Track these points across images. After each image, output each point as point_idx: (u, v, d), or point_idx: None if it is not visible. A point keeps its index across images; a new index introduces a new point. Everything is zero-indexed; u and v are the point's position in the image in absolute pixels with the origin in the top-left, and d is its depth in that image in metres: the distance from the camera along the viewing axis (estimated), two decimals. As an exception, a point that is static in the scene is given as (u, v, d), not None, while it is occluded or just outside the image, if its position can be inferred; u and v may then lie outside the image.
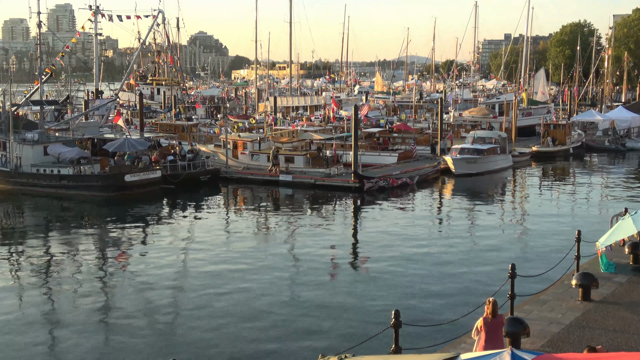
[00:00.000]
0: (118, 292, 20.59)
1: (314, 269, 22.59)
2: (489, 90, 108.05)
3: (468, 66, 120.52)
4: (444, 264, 23.05)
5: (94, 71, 61.74)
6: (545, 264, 20.04)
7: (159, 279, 21.47)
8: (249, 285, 20.71)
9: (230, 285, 20.80)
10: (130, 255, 25.31)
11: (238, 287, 20.54)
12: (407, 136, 50.10)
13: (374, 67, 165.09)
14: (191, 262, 23.97)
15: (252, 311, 18.37)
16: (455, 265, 22.82)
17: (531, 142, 55.59)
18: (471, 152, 43.10)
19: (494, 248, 25.30)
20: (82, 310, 18.78)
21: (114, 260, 24.52)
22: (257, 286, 20.60)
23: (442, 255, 24.16)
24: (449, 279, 21.29)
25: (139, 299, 19.54)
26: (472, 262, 23.26)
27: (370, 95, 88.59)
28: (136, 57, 70.91)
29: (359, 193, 37.01)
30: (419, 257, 23.92)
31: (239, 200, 38.17)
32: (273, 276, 21.68)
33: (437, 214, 33.33)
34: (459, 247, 25.49)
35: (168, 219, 32.64)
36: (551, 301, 15.05)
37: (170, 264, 23.35)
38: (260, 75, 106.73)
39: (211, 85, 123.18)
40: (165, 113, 65.23)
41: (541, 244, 26.00)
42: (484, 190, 40.43)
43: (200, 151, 43.35)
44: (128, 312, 18.47)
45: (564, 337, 12.85)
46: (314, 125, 52.60)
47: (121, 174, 36.41)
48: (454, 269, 22.37)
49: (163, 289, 20.50)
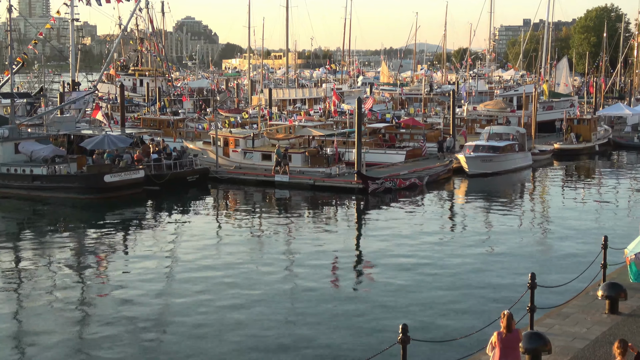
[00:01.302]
0: (97, 305, 20.56)
1: (313, 279, 22.57)
2: (506, 82, 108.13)
3: (483, 55, 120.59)
4: (457, 273, 23.05)
5: (70, 60, 61.75)
6: (568, 273, 20.03)
7: (142, 291, 21.44)
8: (241, 299, 20.68)
9: (220, 298, 20.78)
10: (110, 264, 25.29)
11: (229, 301, 20.52)
12: (416, 132, 50.13)
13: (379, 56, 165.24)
14: (177, 272, 23.96)
15: (245, 328, 18.35)
16: (469, 275, 22.82)
17: (552, 138, 55.62)
18: (486, 150, 43.11)
19: (511, 256, 25.30)
20: (57, 325, 18.77)
21: (92, 270, 24.50)
22: (251, 300, 20.58)
23: (455, 264, 24.15)
24: (462, 289, 21.29)
25: (120, 314, 19.51)
26: (488, 271, 23.26)
27: (375, 87, 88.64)
28: (117, 45, 70.94)
29: (362, 195, 37.01)
30: (429, 266, 23.92)
31: (230, 203, 38.15)
32: (268, 288, 21.67)
33: (448, 218, 33.32)
34: (473, 254, 25.49)
35: (152, 224, 32.63)
36: (575, 314, 15.04)
37: (155, 275, 23.34)
38: (253, 65, 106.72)
39: (199, 76, 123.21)
40: (148, 107, 65.28)
41: (564, 251, 26.00)
42: (501, 191, 40.43)
43: (187, 149, 43.37)
44: (108, 328, 18.44)
45: (589, 354, 12.84)
46: (313, 120, 52.64)
47: (100, 174, 36.41)
48: (468, 279, 22.36)
49: (146, 302, 20.48)
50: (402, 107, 71.06)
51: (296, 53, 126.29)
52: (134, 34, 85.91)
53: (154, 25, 79.15)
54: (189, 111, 65.65)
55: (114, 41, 79.68)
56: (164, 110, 61.35)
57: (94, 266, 25.04)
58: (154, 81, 73.38)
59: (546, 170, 47.06)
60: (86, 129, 44.49)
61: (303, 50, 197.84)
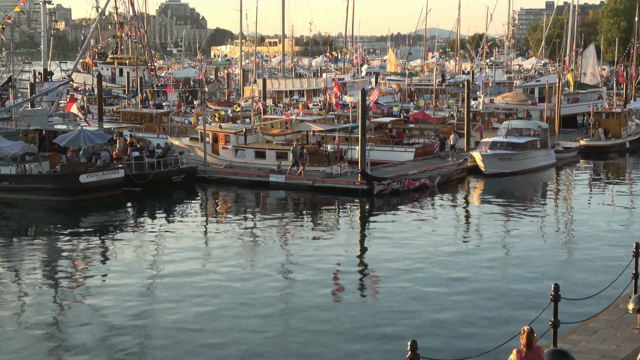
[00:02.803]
0: (71, 320, 20.55)
1: (313, 291, 22.57)
2: (527, 71, 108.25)
3: (501, 41, 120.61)
4: (472, 284, 23.04)
5: (42, 47, 61.71)
6: (595, 285, 20.04)
7: (122, 305, 21.42)
8: (232, 313, 20.69)
9: (209, 312, 20.77)
10: (86, 275, 25.27)
11: (218, 315, 20.52)
12: (427, 127, 50.16)
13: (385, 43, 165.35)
14: (160, 284, 23.95)
15: (237, 345, 18.34)
16: (485, 287, 22.81)
17: (577, 134, 55.62)
18: (505, 147, 43.13)
19: (532, 265, 25.29)
20: (27, 342, 18.75)
21: (65, 281, 24.47)
22: (243, 314, 20.57)
23: (469, 274, 24.15)
24: (478, 302, 21.29)
25: (97, 330, 19.52)
26: (506, 282, 23.25)
27: (381, 77, 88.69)
28: (93, 30, 70.96)
29: (367, 197, 37.03)
30: (441, 276, 23.92)
31: (220, 206, 38.15)
32: (261, 301, 21.66)
33: (463, 224, 33.32)
34: (489, 263, 25.48)
35: (133, 229, 32.63)
36: (603, 330, 15.05)
37: (135, 287, 23.31)
38: (245, 52, 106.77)
39: (186, 64, 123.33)
40: (129, 99, 65.31)
41: (591, 260, 26.00)
42: (521, 193, 40.44)
43: (172, 146, 43.38)
44: (83, 346, 18.44)
45: (619, 375, 12.84)
46: (312, 114, 52.62)
47: (75, 173, 36.41)
48: (484, 291, 22.35)
49: (125, 318, 20.45)
50: (411, 99, 71.06)
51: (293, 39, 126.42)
52: (113, 17, 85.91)
53: (134, 8, 79.15)
54: (174, 104, 65.64)
55: (90, 26, 79.73)
56: (146, 102, 61.34)
57: (67, 277, 25.01)
58: (135, 70, 73.41)
59: (571, 170, 47.08)
60: (59, 124, 44.47)
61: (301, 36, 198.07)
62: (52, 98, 49.49)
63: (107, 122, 49.42)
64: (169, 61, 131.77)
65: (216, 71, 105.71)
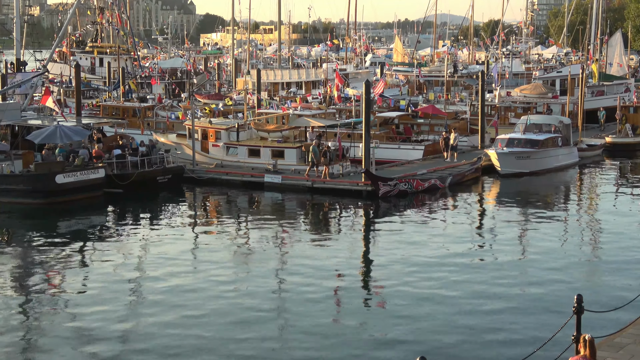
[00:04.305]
0: (45, 334, 20.56)
1: (312, 303, 22.59)
2: (547, 61, 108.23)
3: (519, 28, 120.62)
4: (487, 295, 23.07)
5: (15, 35, 61.77)
6: (622, 296, 20.04)
7: (101, 321, 21.41)
8: (223, 328, 20.71)
9: (197, 326, 20.80)
10: (62, 284, 25.27)
11: (208, 330, 20.53)
12: (437, 123, 50.17)
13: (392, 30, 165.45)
14: (144, 294, 23.97)
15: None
16: (501, 297, 22.84)
17: (601, 131, 55.57)
18: (523, 144, 43.15)
19: (553, 274, 25.30)
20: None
21: (40, 294, 24.43)
22: (235, 328, 20.60)
23: (484, 285, 24.16)
24: (493, 316, 21.32)
25: (74, 344, 19.52)
26: (524, 293, 23.28)
27: (387, 68, 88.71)
28: (71, 16, 70.91)
29: (371, 200, 37.04)
30: (453, 287, 23.92)
31: (210, 210, 38.15)
32: (254, 315, 21.68)
33: (477, 229, 33.32)
34: (505, 272, 25.49)
35: (114, 235, 32.62)
36: (630, 345, 15.05)
37: (117, 300, 23.26)
38: (238, 40, 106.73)
39: (173, 54, 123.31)
40: (110, 91, 65.31)
41: (617, 268, 26.00)
42: (540, 195, 40.45)
43: (157, 143, 43.39)
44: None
45: (648, 394, 12.86)
46: (311, 108, 52.61)
47: (51, 173, 36.41)
48: (500, 302, 22.39)
49: (105, 331, 20.48)
50: (419, 92, 71.07)
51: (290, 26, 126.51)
52: (92, 2, 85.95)
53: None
54: (161, 96, 65.66)
55: (67, 11, 79.74)
56: (129, 95, 61.32)
57: (42, 286, 24.97)
58: (116, 60, 73.36)
59: (596, 169, 47.07)
60: (34, 119, 44.47)
61: (299, 22, 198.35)
62: (26, 90, 49.50)
63: (86, 117, 49.40)
64: (154, 50, 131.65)
65: (206, 61, 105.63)
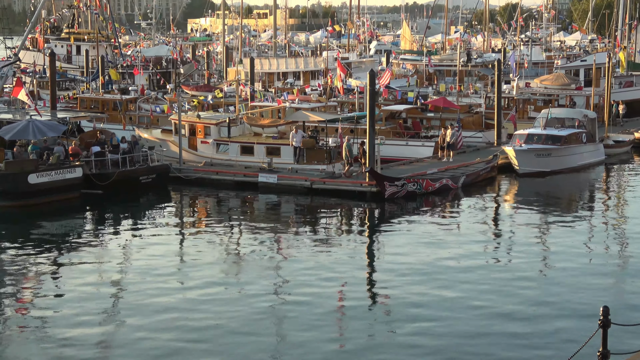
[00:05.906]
0: (18, 350, 20.54)
1: (311, 313, 22.61)
2: (570, 49, 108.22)
3: (539, 12, 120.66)
4: (503, 308, 23.09)
5: (-17, 20, 61.77)
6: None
7: (77, 334, 21.45)
8: (213, 344, 20.70)
9: (184, 339, 20.80)
10: (36, 296, 25.26)
11: (196, 344, 20.53)
12: (449, 117, 50.15)
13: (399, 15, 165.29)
14: (125, 305, 23.97)
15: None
16: (519, 310, 22.85)
17: (629, 125, 55.57)
18: (543, 141, 43.15)
19: (577, 284, 25.36)
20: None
21: (11, 305, 24.45)
22: (227, 341, 20.60)
23: (499, 295, 24.19)
24: (511, 329, 21.34)
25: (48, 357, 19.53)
26: (545, 305, 23.28)
27: (393, 56, 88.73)
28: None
29: (377, 202, 37.04)
30: (466, 298, 23.95)
31: (199, 213, 38.14)
32: (247, 326, 21.70)
33: (492, 233, 33.31)
34: (524, 282, 25.51)
35: (92, 240, 32.60)
36: (662, 362, 15.04)
37: (95, 311, 23.29)
38: (229, 26, 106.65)
39: (157, 40, 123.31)
40: (88, 82, 65.29)
41: (647, 277, 26.06)
42: (562, 197, 40.47)
43: (140, 139, 43.38)
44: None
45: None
46: (310, 100, 52.63)
47: (23, 173, 36.40)
48: (518, 315, 22.39)
49: (84, 344, 20.48)
50: (429, 83, 71.06)
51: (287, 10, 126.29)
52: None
53: (95, -27, 79.17)
54: (144, 88, 65.62)
55: (41, -6, 79.54)
56: (109, 87, 61.27)
57: (13, 296, 25.01)
58: (95, 48, 73.36)
59: (623, 168, 47.09)
60: (4, 113, 44.49)
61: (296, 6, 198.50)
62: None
63: (62, 111, 49.37)
64: (137, 37, 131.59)
65: (194, 49, 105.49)
